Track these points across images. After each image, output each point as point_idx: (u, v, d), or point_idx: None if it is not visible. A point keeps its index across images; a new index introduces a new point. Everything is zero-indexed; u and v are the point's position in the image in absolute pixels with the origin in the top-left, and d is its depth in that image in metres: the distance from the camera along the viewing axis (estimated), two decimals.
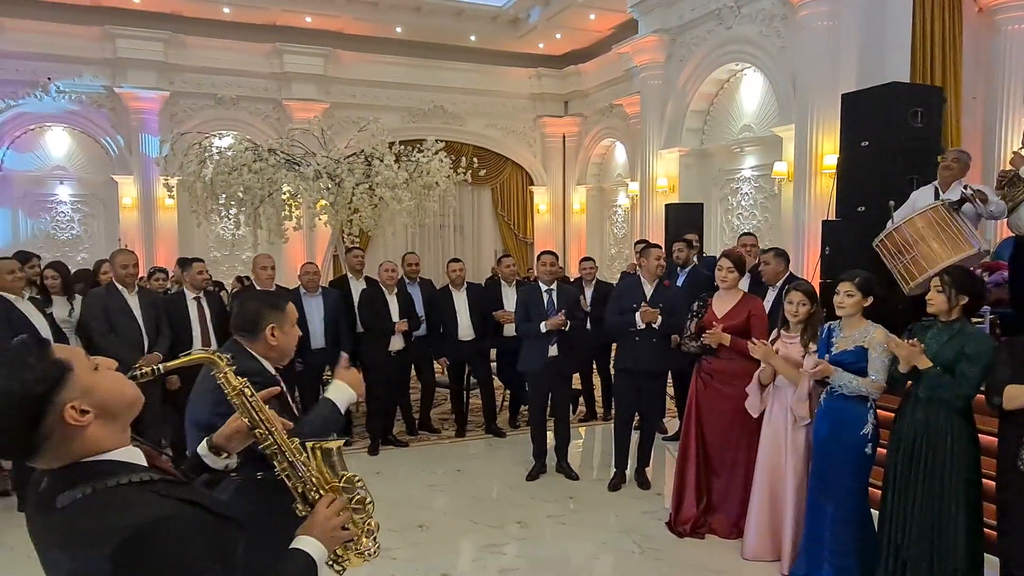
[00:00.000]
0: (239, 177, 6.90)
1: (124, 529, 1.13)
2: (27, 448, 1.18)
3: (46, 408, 1.16)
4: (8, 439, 1.17)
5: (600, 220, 14.51)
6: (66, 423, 1.18)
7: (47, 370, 1.18)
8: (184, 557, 1.17)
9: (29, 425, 1.16)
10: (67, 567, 1.17)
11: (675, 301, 5.04)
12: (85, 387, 1.21)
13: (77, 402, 1.19)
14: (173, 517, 1.19)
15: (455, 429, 6.72)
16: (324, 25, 12.35)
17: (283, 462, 1.64)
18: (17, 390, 1.14)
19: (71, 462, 1.21)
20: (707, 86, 10.25)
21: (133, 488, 1.22)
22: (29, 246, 9.74)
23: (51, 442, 1.18)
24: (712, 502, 4.44)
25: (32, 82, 10.99)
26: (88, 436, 1.21)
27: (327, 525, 1.55)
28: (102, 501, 1.18)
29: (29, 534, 1.28)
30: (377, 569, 4.00)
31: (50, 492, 1.21)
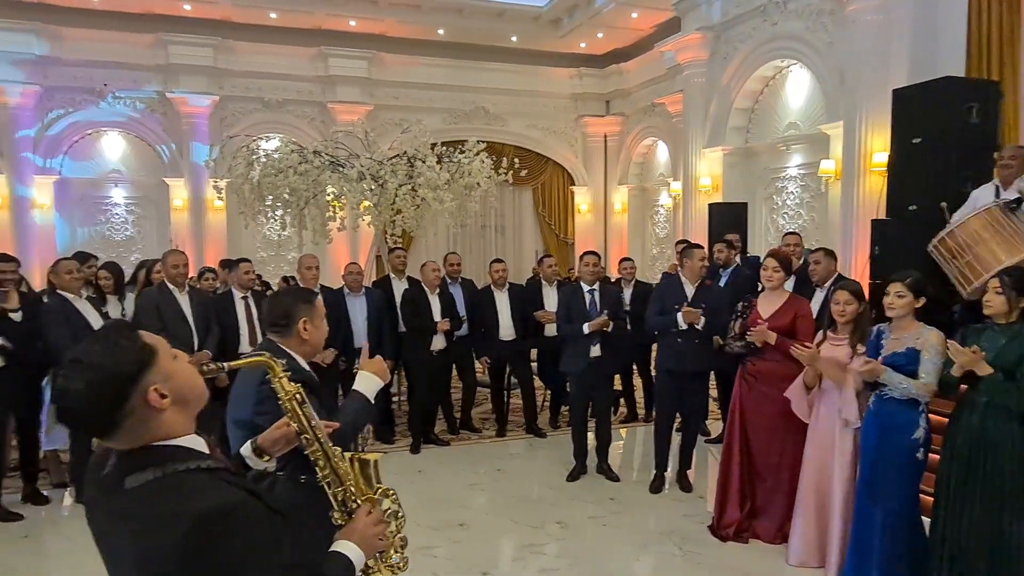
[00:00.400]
0: (285, 179, 7.04)
1: (196, 512, 1.17)
2: (109, 424, 1.23)
3: (133, 388, 1.23)
4: (95, 413, 1.22)
5: (642, 220, 14.39)
6: (148, 404, 1.24)
7: (137, 352, 1.25)
8: (250, 543, 1.22)
9: (116, 402, 1.22)
10: (134, 548, 1.20)
11: (717, 301, 4.98)
12: (167, 373, 1.28)
13: (159, 386, 1.25)
14: (241, 504, 1.24)
15: (496, 429, 6.74)
16: (368, 28, 12.51)
17: (326, 468, 1.68)
18: (111, 367, 1.22)
19: (142, 445, 1.26)
20: (752, 83, 10.08)
21: (202, 474, 1.27)
22: (86, 247, 10.10)
23: (131, 421, 1.24)
24: (756, 506, 4.37)
25: (89, 89, 11.39)
26: (164, 420, 1.27)
27: (366, 532, 1.58)
28: (173, 484, 1.23)
29: (89, 517, 1.33)
30: (418, 566, 4.03)
31: (118, 474, 1.26)
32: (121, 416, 1.23)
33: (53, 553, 4.38)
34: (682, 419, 5.34)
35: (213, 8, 11.44)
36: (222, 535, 1.19)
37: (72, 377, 1.21)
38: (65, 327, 4.79)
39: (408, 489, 5.27)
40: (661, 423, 5.25)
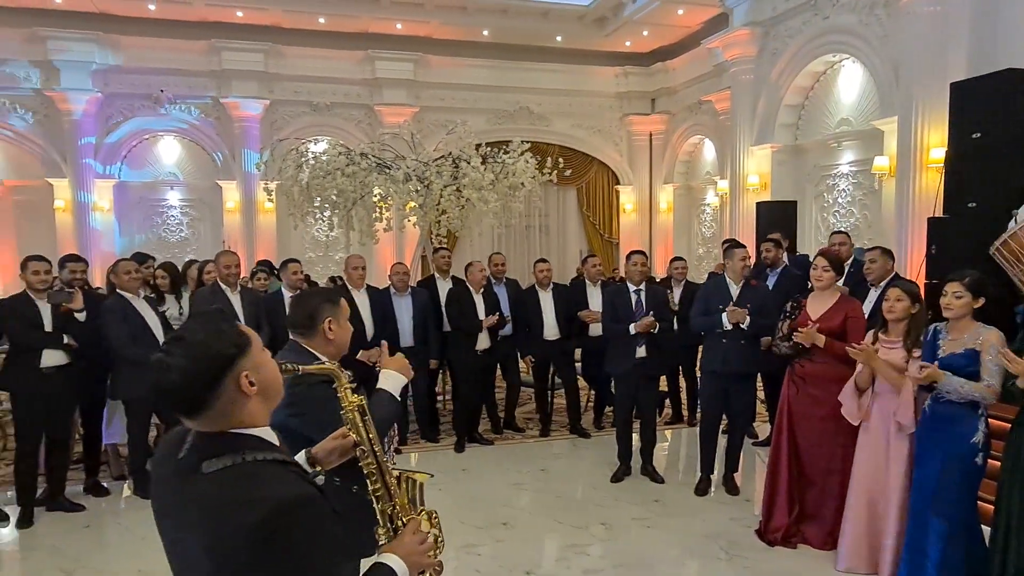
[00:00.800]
0: (333, 181, 7.16)
1: (273, 499, 1.22)
2: (201, 403, 1.29)
3: (228, 370, 1.30)
4: (191, 390, 1.28)
5: (688, 219, 14.21)
6: (239, 389, 1.31)
7: (236, 337, 1.34)
8: (318, 536, 1.26)
9: (211, 381, 1.29)
10: (208, 530, 1.24)
11: (763, 301, 4.89)
12: (257, 363, 1.35)
13: (249, 373, 1.32)
14: (314, 498, 1.29)
15: (539, 429, 6.74)
16: (413, 31, 12.65)
17: (378, 483, 1.69)
18: (213, 346, 1.30)
19: (221, 430, 1.32)
20: (802, 79, 9.87)
21: (277, 465, 1.33)
22: (143, 248, 10.43)
23: (220, 403, 1.30)
24: (805, 510, 4.29)
25: (147, 95, 11.78)
26: (248, 408, 1.34)
27: (413, 550, 1.58)
28: (250, 471, 1.28)
29: (157, 498, 1.39)
30: (462, 564, 4.08)
31: (194, 458, 1.30)
32: (213, 396, 1.29)
33: (113, 542, 4.55)
34: (728, 421, 5.27)
35: (264, 15, 11.71)
36: (295, 524, 1.23)
37: (174, 353, 1.28)
38: (124, 326, 4.97)
39: (452, 487, 5.32)
40: (706, 425, 5.18)
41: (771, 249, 6.05)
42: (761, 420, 6.67)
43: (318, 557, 1.25)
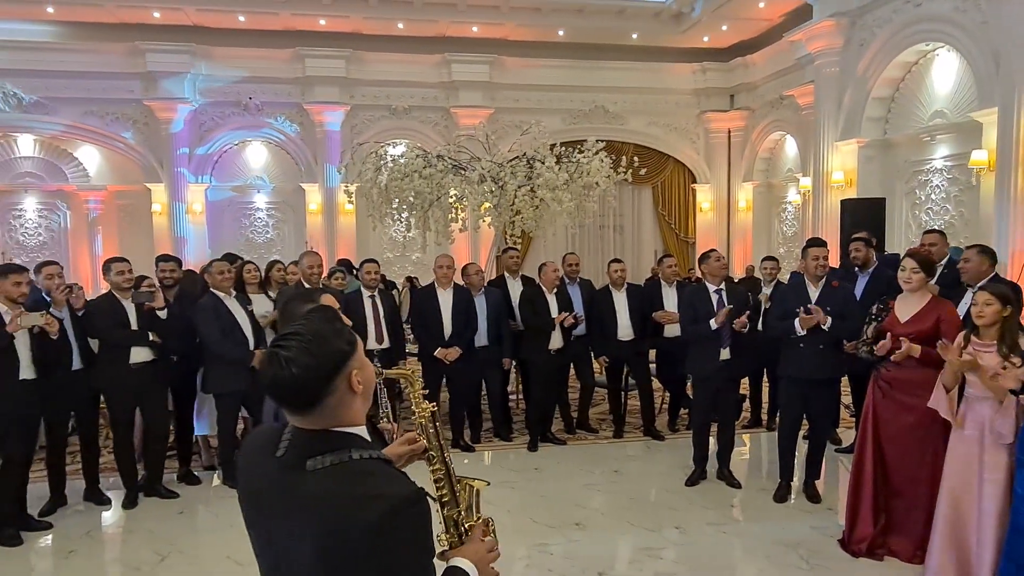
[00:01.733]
0: (410, 183, 7.32)
1: (393, 496, 1.25)
2: (313, 398, 1.31)
3: (343, 366, 1.32)
4: (307, 384, 1.29)
5: (768, 218, 13.81)
6: (350, 386, 1.33)
7: (349, 334, 1.37)
8: (426, 533, 1.29)
9: (327, 377, 1.31)
10: (319, 528, 1.25)
11: (845, 304, 4.70)
12: (362, 362, 1.37)
13: (357, 372, 1.35)
14: (423, 496, 1.31)
15: (613, 430, 6.70)
16: (489, 33, 12.78)
17: (445, 488, 1.69)
18: (336, 343, 1.33)
19: (324, 428, 1.34)
20: (891, 70, 9.44)
21: (381, 463, 1.35)
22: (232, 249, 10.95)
23: (331, 399, 1.32)
24: (892, 521, 4.10)
25: (236, 103, 12.35)
26: (354, 406, 1.37)
27: (481, 553, 1.59)
28: (361, 469, 1.31)
29: (251, 495, 1.42)
30: (534, 563, 4.10)
31: (297, 455, 1.32)
32: (327, 392, 1.31)
33: (204, 528, 4.80)
34: (809, 426, 5.09)
35: (346, 22, 12.08)
36: (411, 521, 1.25)
37: (292, 348, 1.29)
38: (216, 323, 5.23)
39: (525, 486, 5.35)
40: (785, 430, 5.02)
41: (861, 248, 5.75)
42: (845, 426, 6.42)
43: (425, 554, 1.29)
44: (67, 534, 4.64)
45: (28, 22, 11.53)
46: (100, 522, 4.92)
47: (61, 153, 12.39)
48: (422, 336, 6.19)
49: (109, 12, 11.35)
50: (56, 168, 12.39)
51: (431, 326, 6.10)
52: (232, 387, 5.28)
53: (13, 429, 4.50)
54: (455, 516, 1.68)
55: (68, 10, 11.28)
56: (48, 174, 12.40)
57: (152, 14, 11.48)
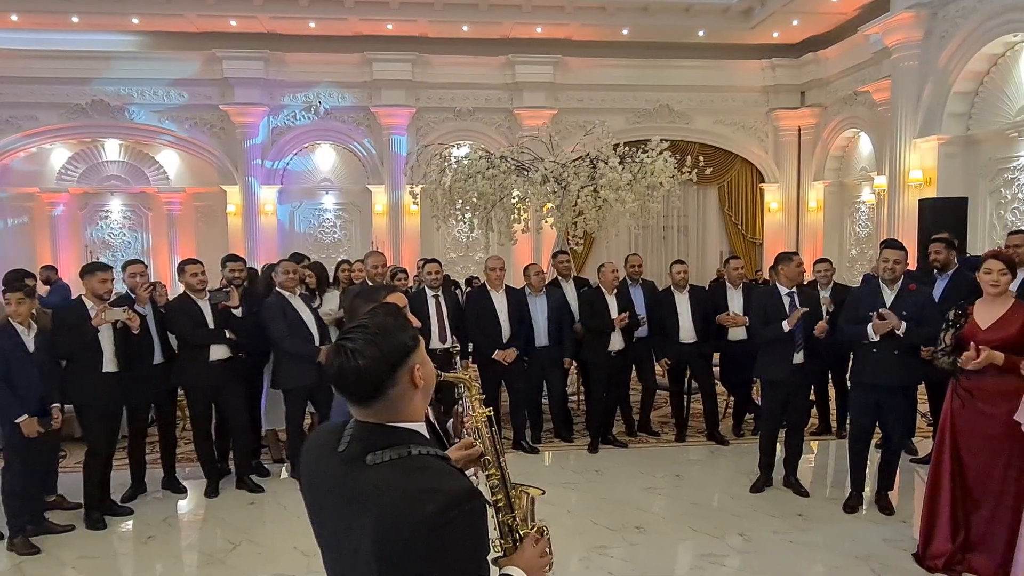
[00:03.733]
0: (474, 184, 7.39)
1: (449, 491, 1.28)
2: (377, 389, 1.35)
3: (406, 360, 1.37)
4: (373, 375, 1.34)
5: (839, 218, 13.34)
6: (411, 380, 1.38)
7: (412, 329, 1.43)
8: (481, 528, 1.33)
9: (391, 369, 1.35)
10: (380, 519, 1.28)
11: (923, 308, 4.50)
12: (423, 359, 1.42)
13: (419, 367, 1.40)
14: (475, 492, 1.34)
15: (675, 433, 6.60)
16: (553, 34, 12.77)
17: (500, 494, 1.69)
18: (400, 336, 1.38)
19: (384, 422, 1.38)
20: (976, 63, 8.98)
21: (439, 459, 1.39)
22: (301, 248, 11.27)
23: (393, 392, 1.36)
24: (971, 537, 3.90)
25: (307, 106, 12.72)
26: (414, 401, 1.41)
27: (534, 562, 1.59)
28: (419, 464, 1.34)
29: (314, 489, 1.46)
30: (593, 564, 4.09)
31: (358, 450, 1.37)
32: (390, 384, 1.35)
33: (272, 519, 4.97)
34: (882, 435, 4.90)
35: (412, 25, 12.28)
36: (466, 516, 1.28)
37: (359, 340, 1.34)
38: (282, 321, 5.41)
39: (586, 488, 5.33)
40: (856, 439, 4.84)
41: (941, 250, 5.49)
42: (922, 435, 6.16)
43: (480, 550, 1.33)
44: (147, 520, 4.87)
45: (114, 32, 12.16)
46: (177, 510, 5.15)
47: (144, 157, 13.01)
48: (478, 338, 6.21)
49: (189, 21, 11.86)
50: (139, 171, 13.02)
51: (487, 328, 6.14)
52: (300, 382, 5.45)
53: (97, 419, 4.76)
54: (509, 522, 1.68)
55: (151, 20, 11.84)
56: (132, 177, 13.04)
57: (229, 22, 11.93)
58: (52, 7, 11.23)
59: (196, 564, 4.35)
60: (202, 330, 5.18)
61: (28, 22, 11.56)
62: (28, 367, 4.36)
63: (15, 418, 4.27)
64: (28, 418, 4.30)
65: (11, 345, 4.32)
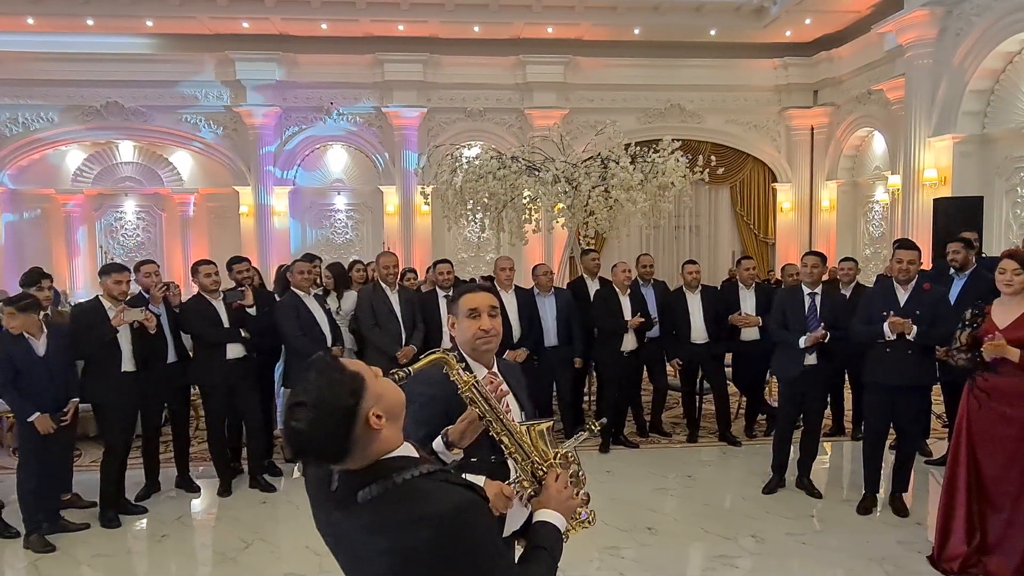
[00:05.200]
0: (485, 184, 7.39)
1: (434, 515, 1.31)
2: (341, 452, 1.36)
3: (356, 417, 1.35)
4: (327, 446, 1.35)
5: (853, 218, 13.25)
6: (370, 428, 1.36)
7: (350, 382, 1.36)
8: (484, 533, 1.38)
9: (343, 433, 1.34)
10: (386, 555, 1.35)
11: (937, 308, 4.46)
12: (377, 394, 1.39)
13: (375, 408, 1.37)
14: (469, 502, 1.37)
15: (687, 434, 6.58)
16: (564, 34, 12.76)
17: (511, 444, 1.77)
18: (332, 403, 1.33)
19: (367, 464, 1.39)
20: (991, 61, 8.89)
21: (423, 479, 1.39)
22: (313, 249, 11.32)
23: (358, 446, 1.36)
24: (988, 540, 3.86)
25: (318, 108, 12.77)
26: (383, 438, 1.40)
27: (560, 497, 1.68)
28: (403, 493, 1.36)
29: (326, 528, 1.49)
30: (605, 565, 4.08)
31: (347, 490, 1.39)
32: (350, 443, 1.35)
33: (285, 518, 4.99)
34: (897, 436, 4.86)
35: (423, 26, 12.30)
36: (461, 532, 1.33)
37: (300, 419, 1.33)
38: (296, 321, 5.43)
39: (597, 489, 5.28)
40: (871, 439, 4.81)
41: (960, 250, 5.42)
42: (936, 436, 6.10)
43: (490, 550, 1.38)
44: (161, 519, 4.91)
45: (129, 35, 12.26)
46: (190, 508, 5.19)
47: (157, 158, 13.11)
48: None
49: (202, 23, 11.94)
50: (153, 173, 13.12)
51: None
52: None
53: (116, 419, 4.81)
54: (528, 467, 1.75)
55: (165, 23, 11.93)
56: (145, 178, 13.14)
57: (241, 24, 12.00)
58: (67, 10, 11.34)
59: (209, 563, 4.38)
60: (218, 329, 5.22)
61: (43, 25, 11.68)
62: (38, 371, 4.39)
63: (28, 416, 4.31)
64: (41, 415, 4.34)
65: (20, 351, 4.35)
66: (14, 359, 4.32)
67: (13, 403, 4.36)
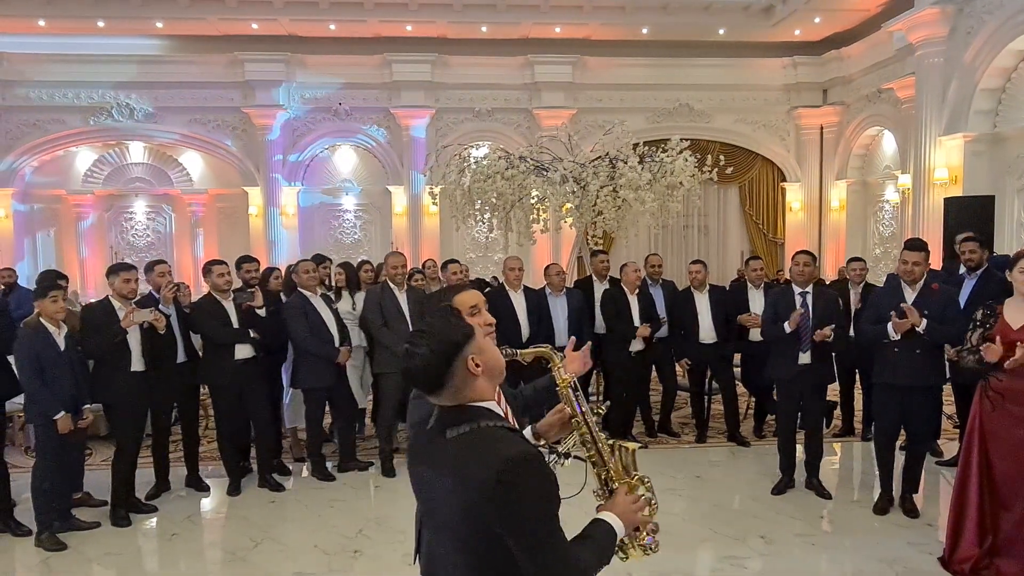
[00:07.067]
0: (493, 184, 7.38)
1: (505, 455, 1.52)
2: (439, 382, 1.61)
3: (458, 354, 1.60)
4: (431, 371, 1.60)
5: (863, 218, 13.18)
6: (467, 370, 1.61)
7: (463, 328, 1.65)
8: (542, 485, 1.53)
9: (446, 364, 1.59)
10: (456, 483, 1.56)
11: (945, 307, 4.43)
12: (480, 348, 1.65)
13: (475, 356, 1.62)
14: (537, 455, 1.58)
15: (695, 434, 6.55)
16: (572, 34, 12.76)
17: (593, 450, 1.90)
18: (449, 334, 1.61)
19: (458, 404, 1.63)
20: (1003, 59, 8.83)
21: (504, 430, 1.63)
22: (321, 249, 11.35)
23: (454, 381, 1.61)
24: (999, 542, 3.83)
25: (327, 108, 12.81)
26: (476, 385, 1.64)
27: (626, 509, 1.79)
28: (484, 435, 1.59)
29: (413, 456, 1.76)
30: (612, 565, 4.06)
31: (440, 426, 1.65)
32: (448, 376, 1.60)
33: (293, 517, 5.00)
34: (907, 437, 4.83)
35: (432, 27, 12.33)
36: (524, 475, 1.50)
37: (418, 344, 1.61)
38: (303, 321, 5.44)
39: None
40: (881, 440, 4.79)
41: (976, 250, 5.35)
42: (947, 437, 6.06)
43: (543, 502, 1.53)
44: (170, 518, 4.93)
45: (139, 37, 12.35)
46: (200, 508, 5.21)
47: (167, 159, 13.19)
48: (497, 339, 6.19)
49: (211, 25, 12.00)
50: (163, 173, 13.20)
51: (507, 329, 6.13)
52: (318, 383, 5.49)
53: (126, 418, 4.84)
54: (603, 475, 1.88)
55: (175, 24, 12.00)
56: (156, 179, 13.22)
57: (251, 25, 12.06)
58: (78, 12, 11.42)
59: (219, 561, 4.39)
60: (228, 329, 5.24)
61: (55, 27, 11.77)
62: (61, 366, 4.43)
63: (54, 414, 4.35)
64: (65, 414, 4.38)
65: (44, 345, 4.39)
66: (40, 354, 4.36)
67: (40, 399, 4.37)
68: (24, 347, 4.37)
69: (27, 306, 6.38)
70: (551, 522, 1.53)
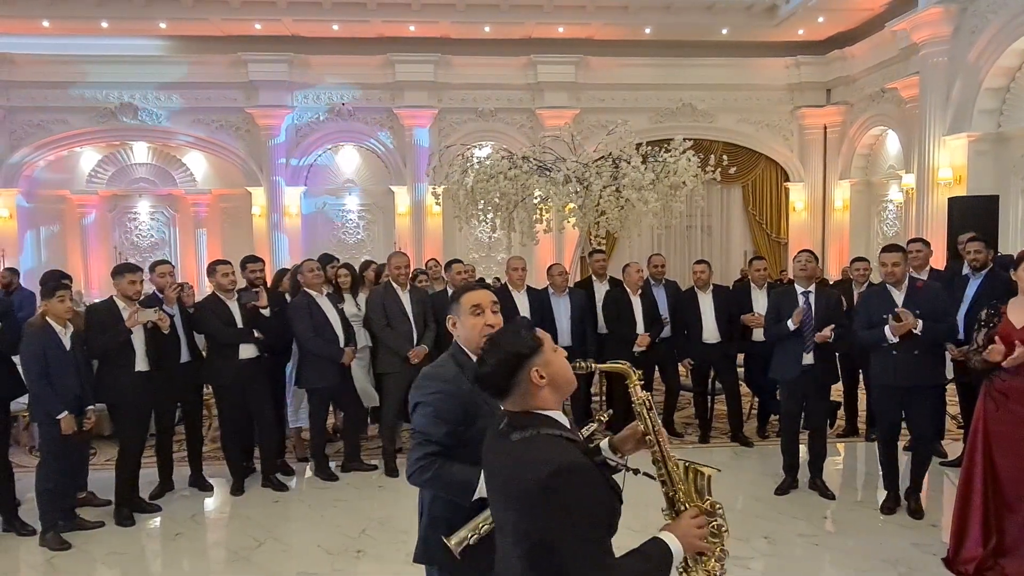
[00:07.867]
0: (496, 184, 7.38)
1: (556, 462, 1.60)
2: (504, 389, 1.75)
3: (523, 365, 1.73)
4: (497, 379, 1.74)
5: (867, 218, 13.15)
6: (530, 380, 1.73)
7: (530, 342, 1.76)
8: (588, 495, 1.61)
9: (510, 373, 1.73)
10: (511, 480, 1.68)
11: (934, 304, 4.43)
12: (547, 361, 1.75)
13: (540, 368, 1.73)
14: (588, 467, 1.66)
15: (698, 435, 6.55)
16: (575, 33, 12.76)
17: (662, 469, 1.94)
18: (511, 348, 1.74)
19: (524, 410, 1.75)
20: (1007, 58, 8.81)
21: (563, 440, 1.71)
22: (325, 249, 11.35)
23: (517, 390, 1.74)
24: (1005, 543, 3.82)
25: (330, 108, 12.82)
26: (540, 395, 1.75)
27: (689, 531, 1.80)
28: (543, 441, 1.68)
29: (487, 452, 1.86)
30: None
31: (508, 429, 1.76)
32: (512, 384, 1.73)
33: (296, 517, 5.01)
34: (911, 437, 4.82)
35: (435, 27, 12.33)
36: (568, 484, 1.58)
37: (489, 352, 1.76)
38: (308, 321, 5.45)
39: None
40: (884, 440, 4.78)
41: (982, 250, 5.33)
42: (951, 437, 6.05)
43: (587, 511, 1.59)
44: (174, 517, 4.94)
45: (143, 37, 12.37)
46: (203, 507, 5.22)
47: (171, 159, 13.21)
48: None
49: (215, 25, 12.02)
50: (166, 173, 13.22)
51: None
52: (323, 383, 5.49)
53: (130, 418, 4.85)
54: (671, 495, 1.91)
55: (178, 25, 12.02)
56: (159, 179, 13.24)
57: (254, 25, 12.08)
58: (82, 13, 11.45)
59: (222, 561, 4.40)
60: (232, 329, 5.24)
61: (58, 28, 11.80)
62: (66, 365, 4.44)
63: (57, 414, 4.35)
64: (68, 415, 4.39)
65: (50, 343, 4.41)
66: (45, 351, 4.37)
67: (44, 398, 4.37)
68: (31, 345, 4.38)
69: (29, 307, 6.41)
70: (592, 531, 1.59)
